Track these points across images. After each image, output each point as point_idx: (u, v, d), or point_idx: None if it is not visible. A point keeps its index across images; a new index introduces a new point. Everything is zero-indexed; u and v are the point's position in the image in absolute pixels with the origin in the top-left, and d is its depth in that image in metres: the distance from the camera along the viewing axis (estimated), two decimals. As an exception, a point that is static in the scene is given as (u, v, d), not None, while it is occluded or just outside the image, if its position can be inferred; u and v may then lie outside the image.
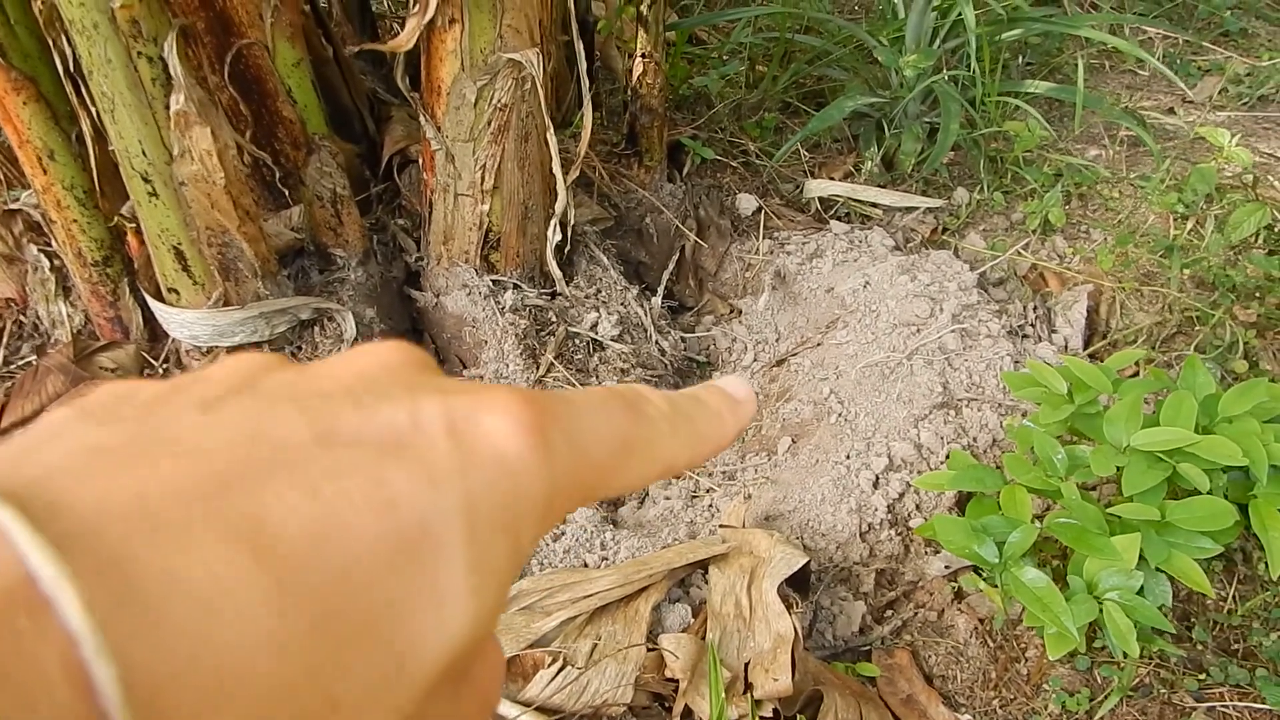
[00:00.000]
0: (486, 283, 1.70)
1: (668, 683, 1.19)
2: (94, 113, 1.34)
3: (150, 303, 1.54)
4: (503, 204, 1.64)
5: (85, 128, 1.43)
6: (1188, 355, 1.43)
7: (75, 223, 1.53)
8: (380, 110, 1.97)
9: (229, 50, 1.51)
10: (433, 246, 1.72)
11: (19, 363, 1.70)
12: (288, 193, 1.67)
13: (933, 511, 1.45)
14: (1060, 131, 2.20)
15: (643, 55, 1.89)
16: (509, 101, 1.52)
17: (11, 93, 1.42)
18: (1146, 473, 1.16)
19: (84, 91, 1.33)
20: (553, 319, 1.73)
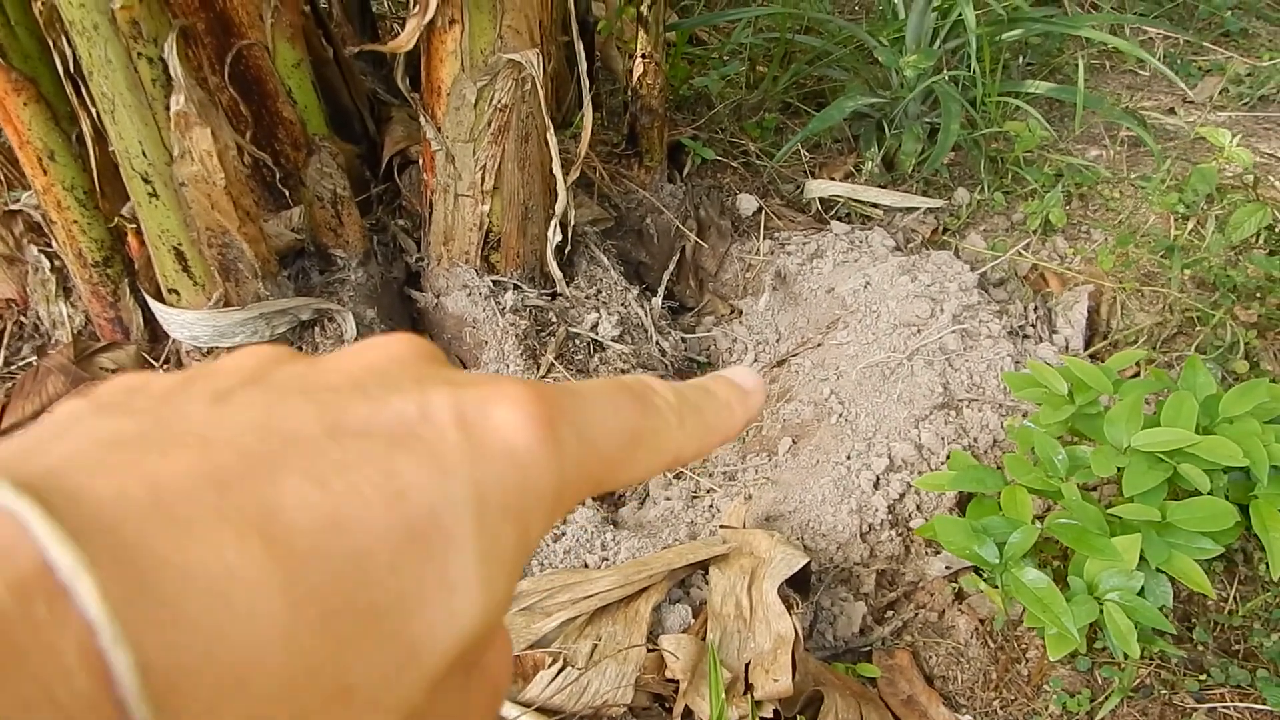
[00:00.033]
0: (487, 283, 1.70)
1: (668, 683, 1.19)
2: (94, 113, 1.34)
3: (150, 303, 1.54)
4: (503, 204, 1.64)
5: (85, 128, 1.43)
6: (1188, 356, 1.43)
7: (76, 223, 1.53)
8: (380, 111, 1.97)
9: (229, 51, 1.51)
10: (433, 247, 1.72)
11: (20, 363, 1.70)
12: (288, 193, 1.67)
13: (933, 512, 1.45)
14: (1061, 132, 2.20)
15: (643, 56, 1.89)
16: (509, 102, 1.52)
17: (12, 93, 1.42)
18: (1147, 473, 1.16)
19: (84, 92, 1.33)
20: (553, 319, 1.73)
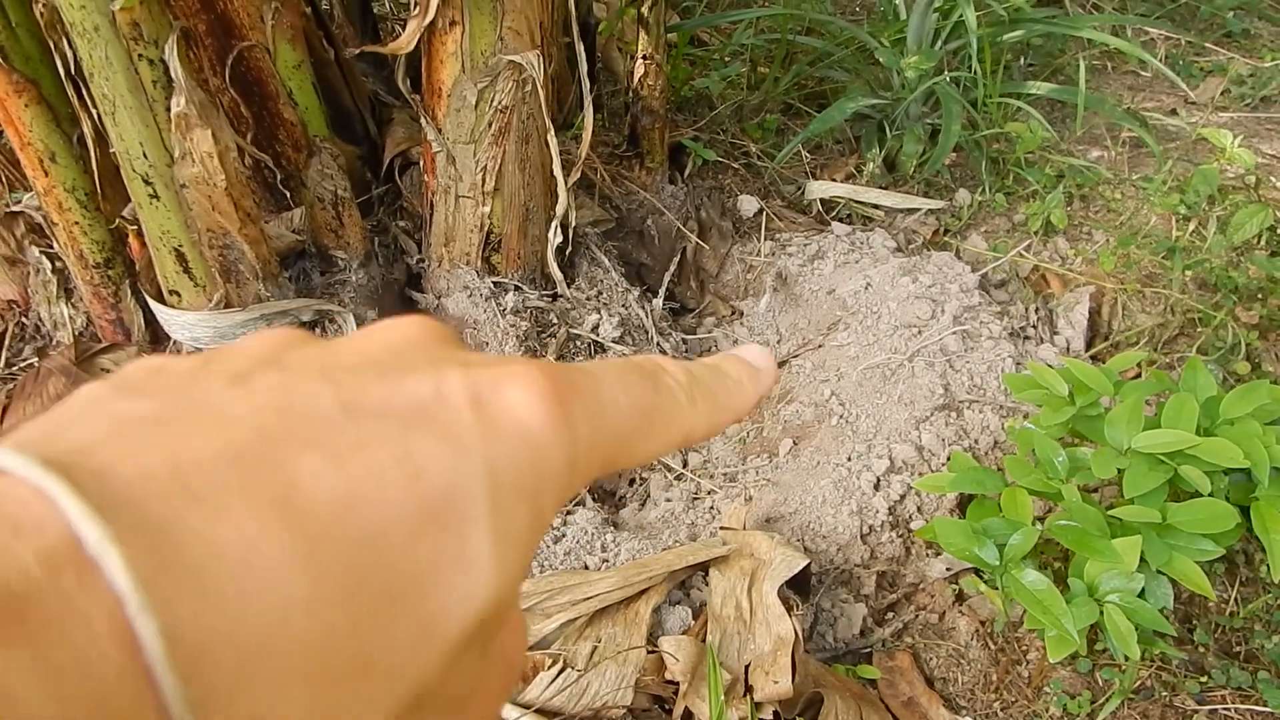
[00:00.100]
0: (488, 284, 1.70)
1: (668, 685, 1.19)
2: (95, 115, 1.34)
3: (152, 305, 1.54)
4: (504, 206, 1.64)
5: (86, 130, 1.43)
6: (1190, 357, 1.43)
7: (77, 225, 1.53)
8: (381, 112, 1.97)
9: (230, 52, 1.51)
10: (434, 248, 1.72)
11: (21, 364, 1.70)
12: (289, 195, 1.67)
13: (934, 513, 1.45)
14: (1062, 133, 2.20)
15: (644, 57, 1.89)
16: (510, 103, 1.52)
17: (13, 95, 1.42)
18: (1148, 475, 1.16)
19: (85, 94, 1.33)
20: (554, 321, 1.73)
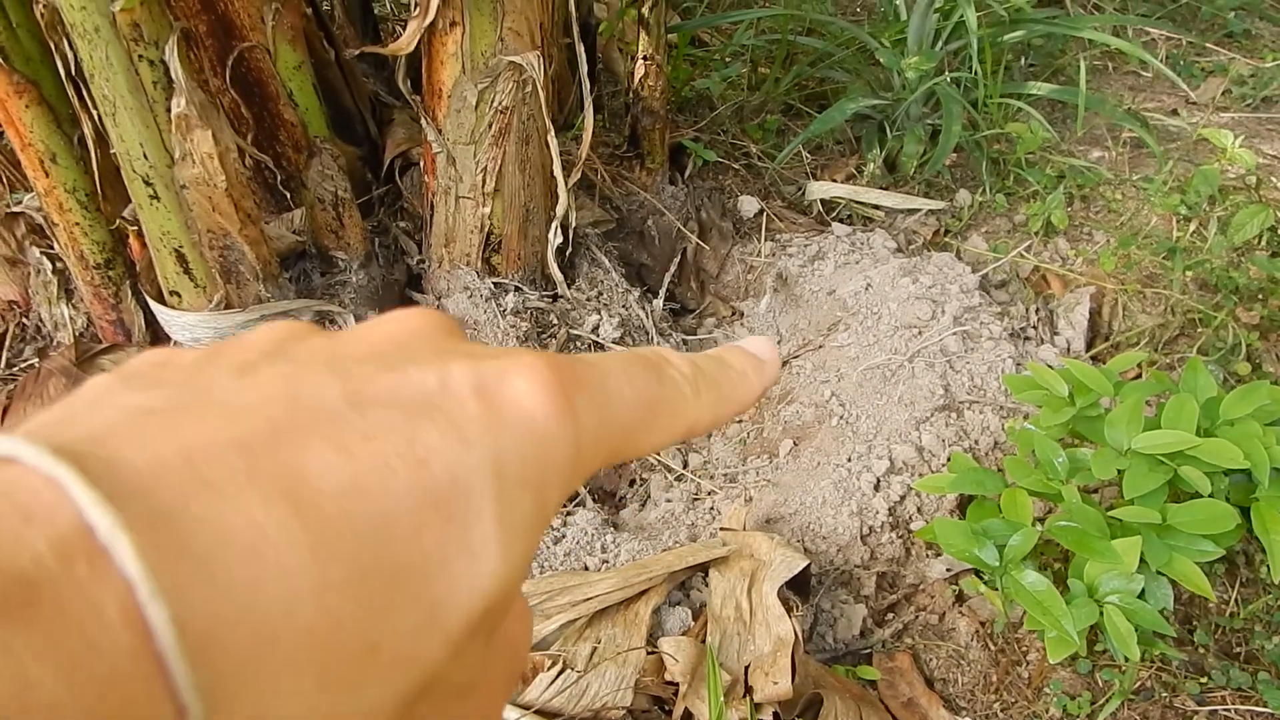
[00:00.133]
0: (488, 285, 1.70)
1: (667, 686, 1.19)
2: (95, 116, 1.35)
3: (152, 305, 1.54)
4: (504, 207, 1.64)
5: (87, 131, 1.43)
6: (1190, 357, 1.43)
7: (77, 225, 1.53)
8: (382, 113, 1.97)
9: (230, 53, 1.52)
10: (434, 249, 1.72)
11: (21, 365, 1.70)
12: (289, 195, 1.67)
13: (934, 514, 1.45)
14: (1063, 133, 2.19)
15: (644, 57, 1.89)
16: (510, 104, 1.52)
17: (14, 96, 1.42)
18: (1148, 476, 1.15)
19: (86, 95, 1.33)
20: (554, 321, 1.73)
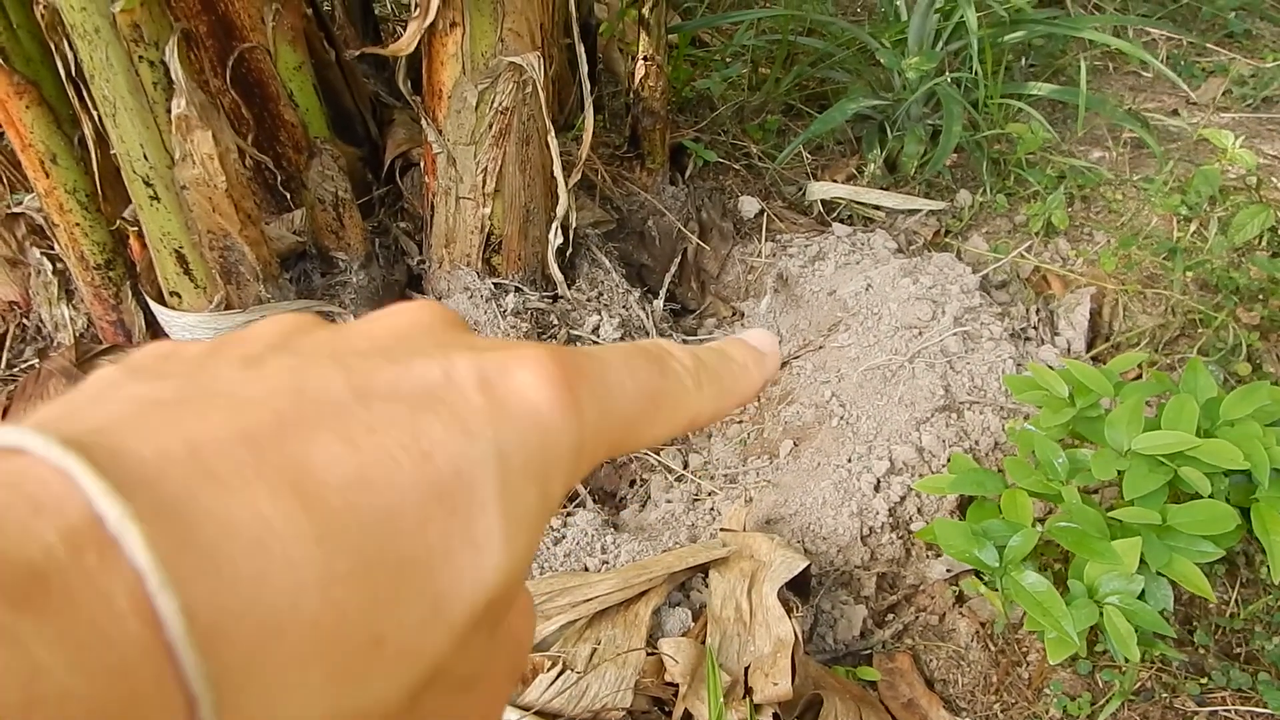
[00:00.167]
0: (488, 286, 1.70)
1: (667, 687, 1.19)
2: (96, 117, 1.35)
3: (152, 306, 1.54)
4: (504, 207, 1.64)
5: (87, 132, 1.43)
6: (1190, 358, 1.43)
7: (78, 226, 1.53)
8: (382, 113, 1.97)
9: (231, 54, 1.52)
10: (434, 249, 1.72)
11: (22, 365, 1.70)
12: (290, 196, 1.67)
13: (934, 515, 1.45)
14: (1063, 133, 2.19)
15: (645, 58, 1.89)
16: (510, 105, 1.52)
17: (14, 97, 1.42)
18: (1148, 476, 1.15)
19: (86, 95, 1.33)
20: (554, 322, 1.73)
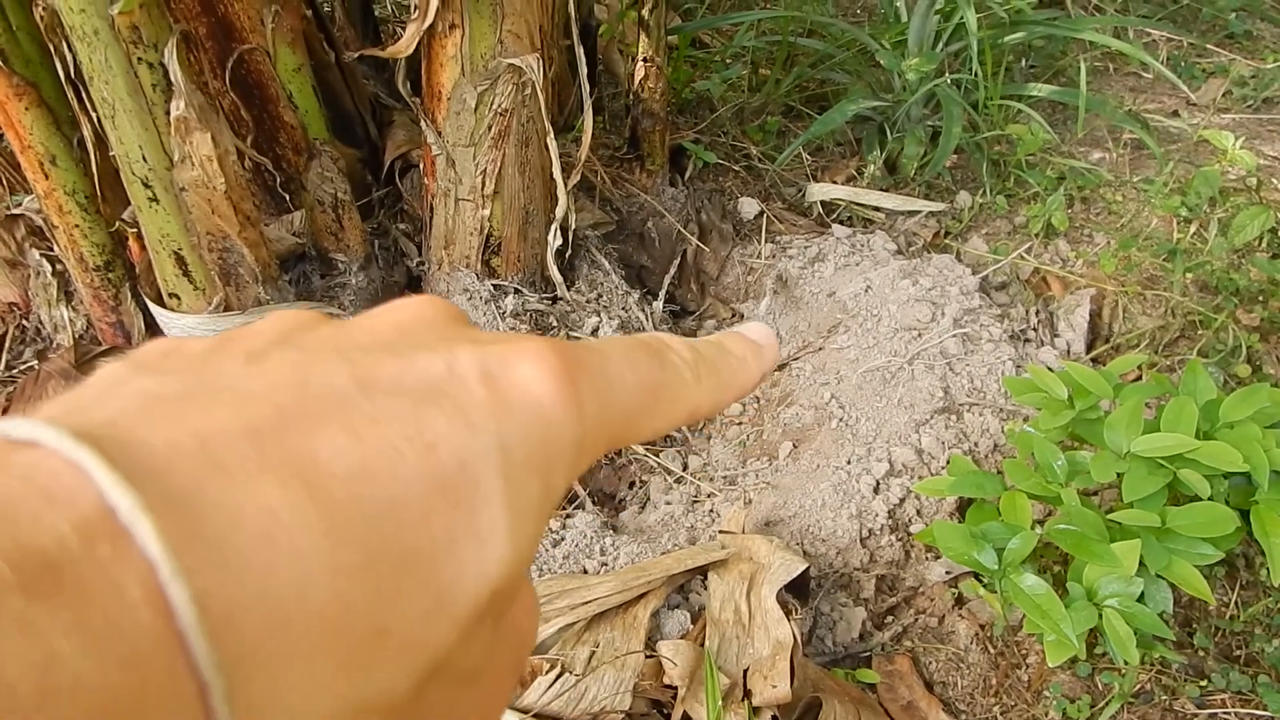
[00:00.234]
0: (487, 287, 1.70)
1: (666, 689, 1.19)
2: (95, 118, 1.35)
3: (151, 307, 1.54)
4: (503, 209, 1.64)
5: (86, 133, 1.43)
6: (1190, 360, 1.43)
7: (77, 228, 1.53)
8: (382, 115, 1.97)
9: (230, 55, 1.52)
10: (434, 251, 1.72)
11: (21, 367, 1.70)
12: (289, 197, 1.67)
13: (933, 517, 1.45)
14: (1063, 135, 2.19)
15: (644, 59, 1.89)
16: (509, 106, 1.52)
17: (13, 98, 1.42)
18: (1147, 479, 1.15)
19: (85, 97, 1.33)
20: (554, 323, 1.73)
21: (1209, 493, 1.14)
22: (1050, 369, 1.36)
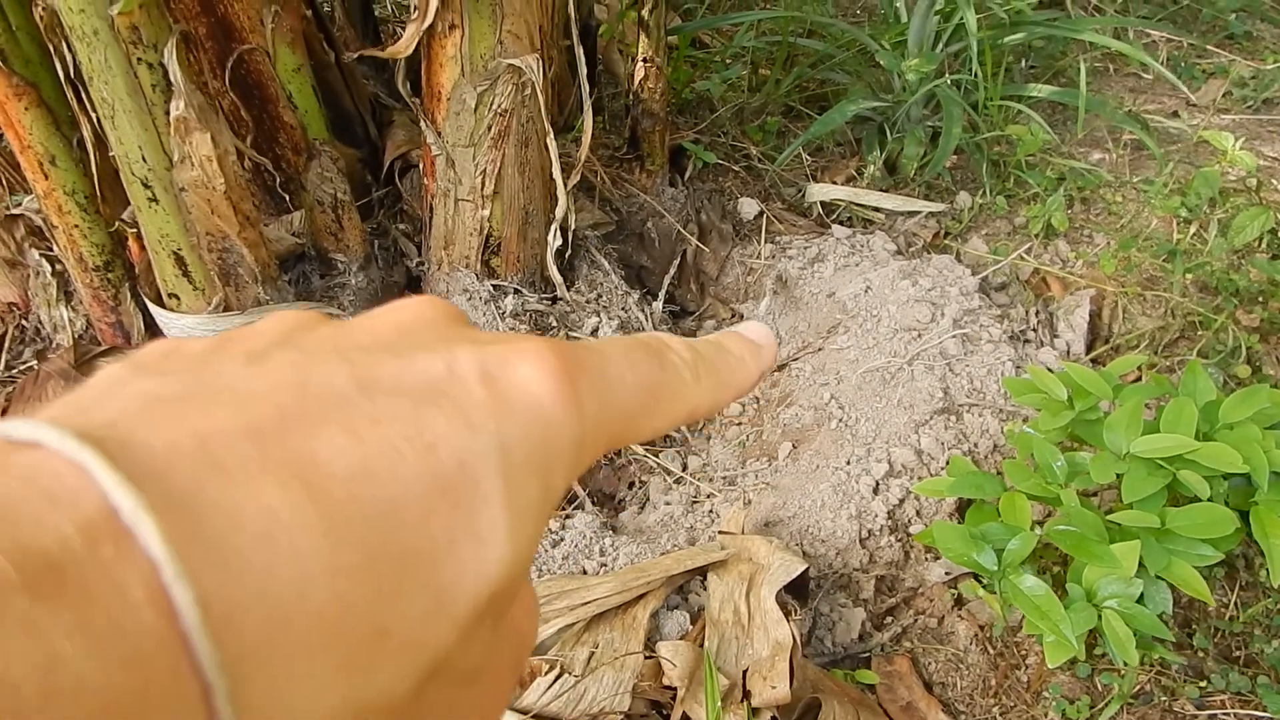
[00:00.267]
0: (487, 287, 1.70)
1: (665, 690, 1.19)
2: (94, 118, 1.35)
3: (151, 308, 1.54)
4: (503, 209, 1.64)
5: (86, 133, 1.43)
6: (1190, 360, 1.43)
7: (76, 228, 1.53)
8: (382, 115, 1.97)
9: (230, 56, 1.52)
10: (433, 251, 1.72)
11: (20, 367, 1.70)
12: (289, 198, 1.67)
13: (933, 518, 1.45)
14: (1063, 135, 2.19)
15: (644, 59, 1.89)
16: (509, 107, 1.52)
17: (13, 98, 1.42)
18: (1146, 480, 1.15)
19: (84, 97, 1.33)
20: (553, 324, 1.73)
21: (1208, 494, 1.14)
22: (1050, 370, 1.36)
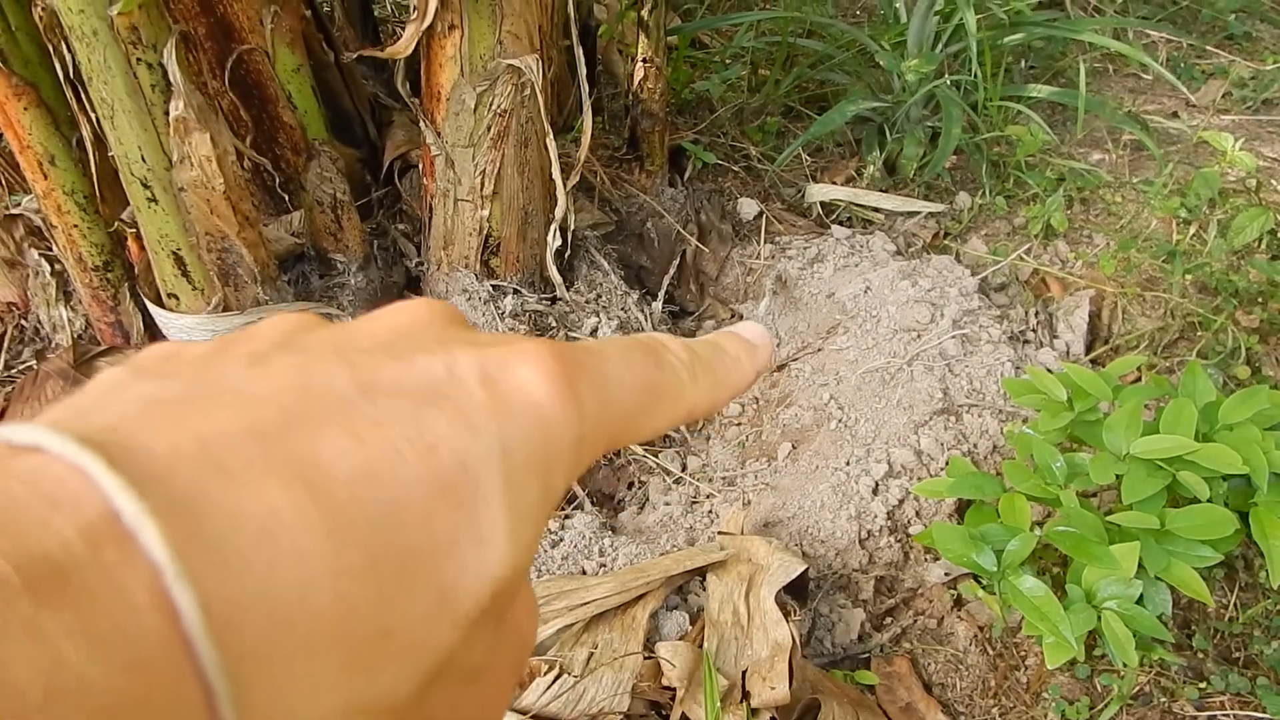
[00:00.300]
0: (486, 288, 1.70)
1: (664, 691, 1.19)
2: (94, 119, 1.35)
3: (150, 308, 1.54)
4: (502, 209, 1.64)
5: (85, 133, 1.43)
6: (1189, 361, 1.43)
7: (76, 228, 1.53)
8: (381, 115, 1.97)
9: (229, 56, 1.52)
10: (433, 251, 1.72)
11: (20, 367, 1.70)
12: (288, 198, 1.67)
13: (932, 518, 1.45)
14: (1063, 136, 2.19)
15: (644, 60, 1.89)
16: (508, 107, 1.52)
17: (12, 98, 1.42)
18: (1146, 481, 1.15)
19: (84, 97, 1.33)
20: (553, 324, 1.73)
21: (1208, 495, 1.14)
22: (1049, 370, 1.36)
